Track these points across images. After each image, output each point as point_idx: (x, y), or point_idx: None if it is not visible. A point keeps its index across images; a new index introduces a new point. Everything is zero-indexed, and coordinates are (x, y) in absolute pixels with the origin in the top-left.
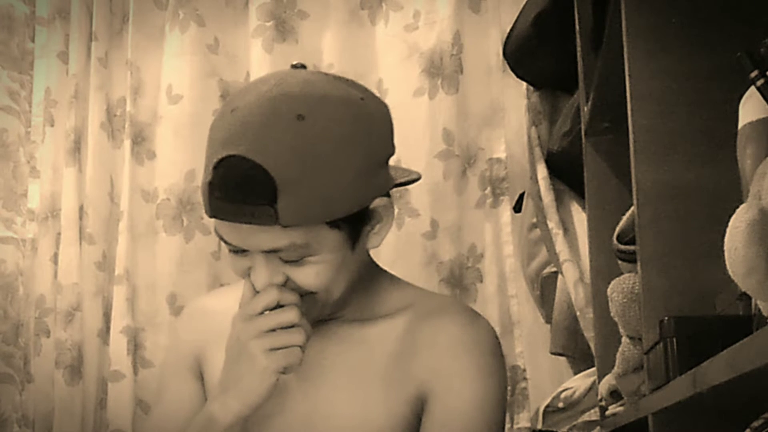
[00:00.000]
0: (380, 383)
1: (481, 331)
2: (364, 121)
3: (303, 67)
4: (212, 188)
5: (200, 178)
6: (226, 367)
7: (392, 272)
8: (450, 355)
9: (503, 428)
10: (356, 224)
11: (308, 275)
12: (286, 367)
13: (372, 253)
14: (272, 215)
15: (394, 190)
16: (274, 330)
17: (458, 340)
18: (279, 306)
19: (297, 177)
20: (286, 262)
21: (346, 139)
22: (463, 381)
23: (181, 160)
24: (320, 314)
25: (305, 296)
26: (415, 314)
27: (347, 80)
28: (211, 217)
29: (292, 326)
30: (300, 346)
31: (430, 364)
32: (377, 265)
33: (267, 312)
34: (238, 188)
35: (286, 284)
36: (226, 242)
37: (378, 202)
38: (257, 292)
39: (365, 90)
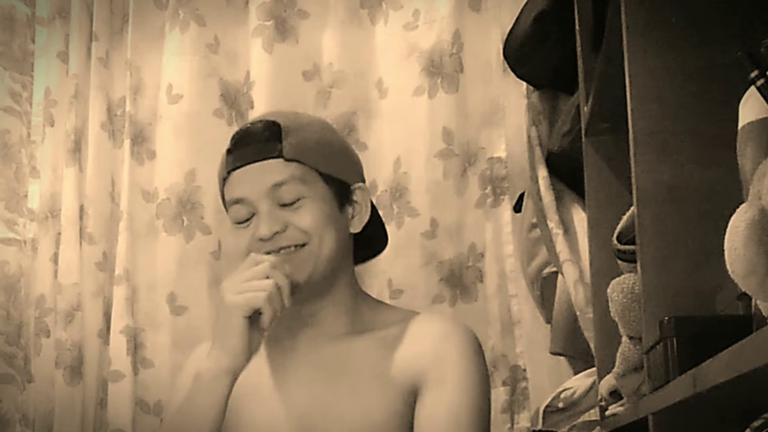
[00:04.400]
0: (376, 383)
1: (464, 331)
2: (339, 132)
3: None
4: (229, 153)
5: (200, 177)
6: (213, 329)
7: (392, 271)
8: (439, 350)
9: (489, 414)
10: (341, 190)
11: (304, 216)
12: (255, 309)
13: None
14: (278, 148)
15: (395, 191)
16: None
17: (446, 339)
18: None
19: (297, 129)
20: (285, 208)
21: (330, 128)
22: (452, 371)
23: (181, 160)
24: (311, 275)
25: (297, 250)
26: (404, 324)
27: None
28: (228, 172)
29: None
30: (268, 295)
31: (422, 359)
32: (363, 291)
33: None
34: (252, 133)
35: (286, 232)
36: (235, 202)
37: (357, 184)
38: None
39: None
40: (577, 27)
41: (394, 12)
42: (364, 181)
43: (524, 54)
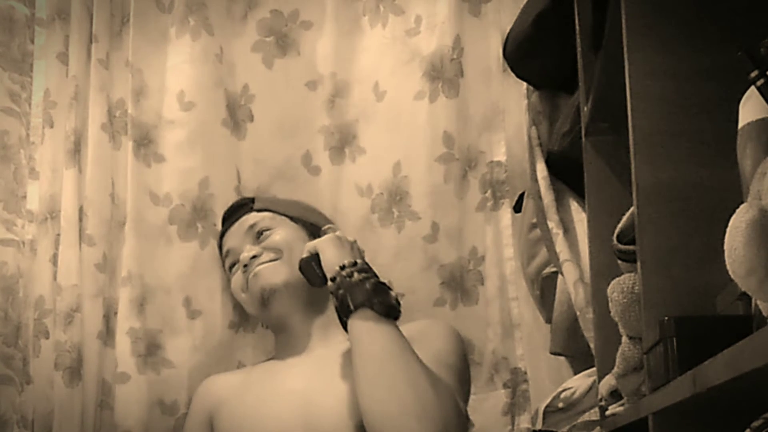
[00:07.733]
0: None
1: (448, 323)
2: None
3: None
4: (221, 227)
5: (213, 185)
6: None
7: (393, 275)
8: (428, 324)
9: (468, 370)
10: (311, 229)
11: (274, 237)
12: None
13: (373, 254)
14: (250, 206)
15: (396, 195)
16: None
17: (433, 321)
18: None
19: (266, 196)
20: (260, 241)
21: (297, 200)
22: (438, 333)
23: (193, 167)
24: (288, 280)
25: (273, 262)
26: None
27: None
28: (221, 239)
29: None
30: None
31: (414, 332)
32: None
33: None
34: (233, 206)
35: (262, 255)
36: (226, 255)
37: (327, 226)
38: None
39: None
40: (577, 27)
41: (395, 17)
42: (333, 224)
43: (524, 54)
